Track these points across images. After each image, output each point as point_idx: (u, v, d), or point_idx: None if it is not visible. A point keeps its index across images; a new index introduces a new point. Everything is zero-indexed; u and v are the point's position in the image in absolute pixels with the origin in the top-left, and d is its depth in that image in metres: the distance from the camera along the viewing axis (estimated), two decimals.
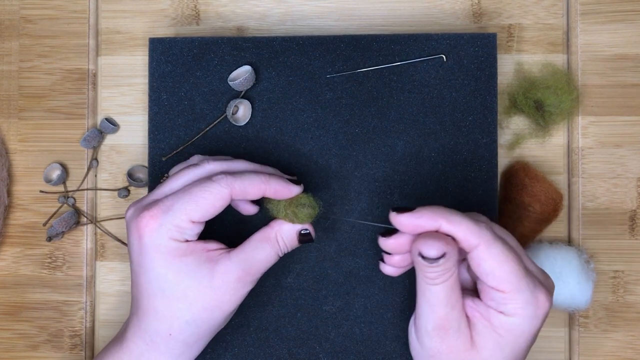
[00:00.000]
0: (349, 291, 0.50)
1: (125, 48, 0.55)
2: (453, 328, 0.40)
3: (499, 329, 0.40)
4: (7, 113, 0.55)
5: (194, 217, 0.41)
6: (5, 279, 0.55)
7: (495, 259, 0.39)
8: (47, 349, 0.54)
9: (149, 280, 0.42)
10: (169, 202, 0.42)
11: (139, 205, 0.43)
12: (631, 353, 0.52)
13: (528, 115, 0.52)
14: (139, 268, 0.42)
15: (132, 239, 0.42)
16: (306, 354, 0.50)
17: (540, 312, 0.40)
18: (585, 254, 0.51)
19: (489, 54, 0.50)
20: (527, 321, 0.39)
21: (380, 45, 0.50)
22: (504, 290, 0.39)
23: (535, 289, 0.39)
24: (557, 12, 0.54)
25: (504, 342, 0.40)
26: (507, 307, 0.39)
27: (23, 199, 0.55)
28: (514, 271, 0.39)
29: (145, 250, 0.41)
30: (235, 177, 0.42)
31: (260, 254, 0.43)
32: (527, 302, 0.39)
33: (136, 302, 0.43)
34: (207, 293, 0.41)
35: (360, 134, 0.50)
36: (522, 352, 0.41)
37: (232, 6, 0.55)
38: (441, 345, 0.40)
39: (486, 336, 0.40)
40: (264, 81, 0.50)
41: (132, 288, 0.44)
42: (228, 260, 0.42)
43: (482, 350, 0.40)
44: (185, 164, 0.46)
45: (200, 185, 0.42)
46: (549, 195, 0.51)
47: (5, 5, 0.55)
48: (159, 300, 0.41)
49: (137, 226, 0.42)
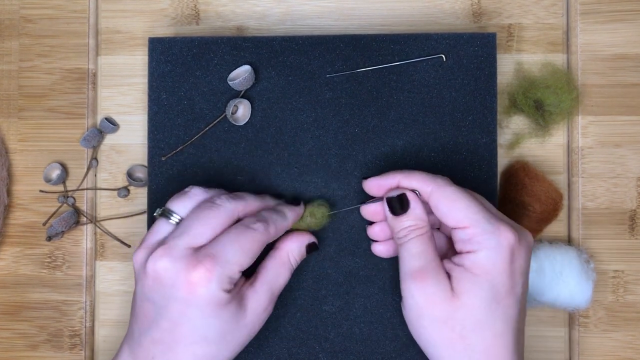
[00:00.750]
0: (349, 291, 0.50)
1: (125, 48, 0.55)
2: (431, 278, 0.41)
3: (471, 268, 0.41)
4: (7, 113, 0.55)
5: (244, 266, 0.42)
6: (5, 278, 0.55)
7: (449, 198, 0.42)
8: (46, 349, 0.54)
9: (193, 329, 0.41)
10: (220, 253, 0.42)
11: (177, 255, 0.42)
12: (631, 353, 0.52)
13: (528, 115, 0.52)
14: (182, 318, 0.41)
15: (175, 291, 0.41)
16: (306, 354, 0.50)
17: (504, 242, 0.40)
18: (585, 254, 0.51)
19: (489, 53, 0.50)
20: (494, 252, 0.40)
21: (380, 45, 0.50)
22: (463, 226, 0.41)
23: (495, 222, 0.41)
24: (557, 12, 0.54)
25: (480, 280, 0.40)
26: (472, 244, 0.41)
27: (23, 198, 0.55)
28: (469, 206, 0.42)
29: (195, 302, 0.41)
30: (269, 223, 0.44)
31: (280, 278, 0.46)
32: (488, 233, 0.41)
33: (166, 347, 0.42)
34: (244, 331, 0.43)
35: (360, 134, 0.50)
36: (502, 287, 0.41)
37: (232, 6, 0.55)
38: (424, 299, 0.41)
39: (463, 280, 0.41)
40: (263, 81, 0.50)
41: (159, 333, 0.42)
42: (255, 294, 0.44)
43: (462, 296, 0.41)
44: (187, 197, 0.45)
45: (245, 235, 0.43)
46: (549, 195, 0.51)
47: (5, 5, 0.55)
48: (198, 346, 0.42)
49: (187, 278, 0.41)
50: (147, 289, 0.42)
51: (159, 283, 0.42)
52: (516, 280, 0.41)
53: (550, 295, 0.49)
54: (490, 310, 0.40)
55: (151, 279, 0.42)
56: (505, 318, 0.41)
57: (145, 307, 0.43)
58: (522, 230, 0.42)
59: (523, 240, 0.42)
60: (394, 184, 0.45)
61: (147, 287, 0.42)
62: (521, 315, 0.42)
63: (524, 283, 0.42)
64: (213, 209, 0.43)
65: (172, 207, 0.45)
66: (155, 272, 0.42)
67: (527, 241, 0.42)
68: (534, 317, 0.53)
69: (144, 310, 0.43)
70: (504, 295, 0.41)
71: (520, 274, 0.41)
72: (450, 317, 0.41)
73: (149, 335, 0.42)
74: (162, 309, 0.42)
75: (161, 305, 0.42)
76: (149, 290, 0.42)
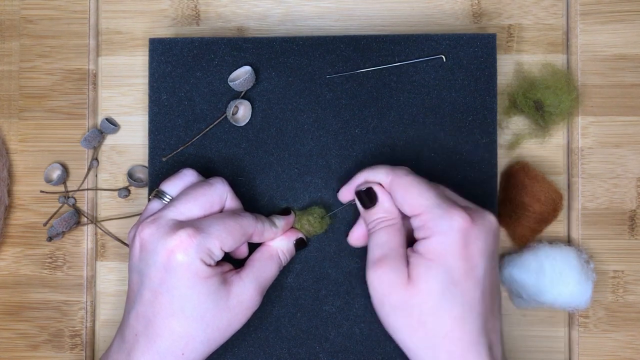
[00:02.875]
0: (349, 291, 0.50)
1: (126, 48, 0.55)
2: (388, 266, 0.42)
3: (425, 254, 0.41)
4: (8, 113, 0.55)
5: (225, 246, 0.43)
6: (5, 279, 0.55)
7: (405, 186, 0.43)
8: (47, 349, 0.54)
9: (171, 299, 0.42)
10: (204, 225, 0.42)
11: (162, 223, 0.43)
12: (631, 353, 0.52)
13: (528, 116, 0.52)
14: (161, 286, 0.42)
15: (156, 257, 0.42)
16: (306, 354, 0.50)
17: (455, 225, 0.40)
18: (585, 254, 0.51)
19: (489, 54, 0.50)
20: (445, 237, 0.40)
21: (380, 45, 0.50)
22: (418, 212, 0.42)
23: (447, 207, 0.41)
24: (557, 12, 0.54)
25: (434, 265, 0.41)
26: (425, 230, 0.41)
27: (23, 199, 0.55)
28: (422, 193, 0.42)
29: (173, 268, 0.41)
30: (258, 219, 0.45)
31: (268, 271, 0.46)
32: (439, 218, 0.41)
33: (147, 321, 0.42)
34: (224, 315, 0.43)
35: (360, 135, 0.50)
36: (458, 271, 0.40)
37: (232, 7, 0.55)
38: (382, 287, 0.42)
39: (418, 266, 0.41)
40: (264, 82, 0.51)
41: (142, 306, 0.42)
42: (241, 281, 0.44)
43: (417, 282, 0.41)
44: (179, 177, 0.46)
45: (232, 217, 0.44)
46: (549, 195, 0.51)
47: (6, 5, 0.56)
48: (176, 320, 0.42)
49: (166, 243, 0.41)
50: (135, 259, 0.43)
51: (144, 250, 0.43)
52: (474, 262, 0.40)
53: (550, 296, 0.49)
54: (447, 294, 0.40)
55: (137, 249, 0.43)
56: (463, 301, 0.40)
57: (133, 279, 0.44)
58: (479, 213, 0.42)
59: (479, 222, 0.41)
60: (361, 181, 0.46)
61: (135, 257, 0.43)
62: (487, 297, 0.41)
63: (487, 264, 0.41)
64: (204, 187, 0.45)
65: (164, 188, 0.46)
66: (140, 240, 0.43)
67: (486, 223, 0.42)
68: (534, 317, 0.53)
69: (131, 284, 0.44)
70: (460, 278, 0.40)
71: (479, 255, 0.41)
72: (407, 303, 0.41)
73: (134, 311, 0.43)
74: (145, 277, 0.42)
75: (144, 274, 0.42)
76: (136, 260, 0.43)
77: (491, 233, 0.42)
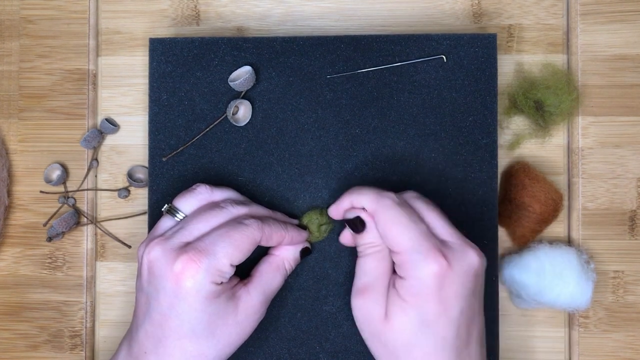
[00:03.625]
0: (349, 291, 0.50)
1: (126, 48, 0.55)
2: (370, 297, 0.43)
3: (402, 294, 0.42)
4: (7, 113, 0.55)
5: (235, 260, 0.43)
6: (5, 279, 0.55)
7: (387, 221, 0.42)
8: (47, 349, 0.54)
9: (181, 323, 0.42)
10: (208, 246, 0.42)
11: (169, 247, 0.42)
12: (631, 353, 0.52)
13: (528, 116, 0.52)
14: (171, 311, 0.42)
15: (164, 282, 0.42)
16: (306, 354, 0.50)
17: (430, 271, 0.40)
18: (585, 254, 0.51)
19: (489, 54, 0.50)
20: (419, 282, 0.41)
21: (381, 45, 0.50)
22: (397, 251, 0.42)
23: (425, 250, 0.41)
24: (557, 13, 0.54)
25: (408, 307, 0.41)
26: (402, 270, 0.42)
27: (23, 199, 0.55)
28: (403, 232, 0.42)
29: (182, 294, 0.41)
30: (264, 223, 0.44)
31: (274, 283, 0.46)
32: (416, 262, 0.41)
33: (157, 341, 0.42)
34: (233, 330, 0.43)
35: (360, 135, 0.50)
36: (431, 312, 0.41)
37: (232, 6, 0.55)
38: (362, 315, 0.43)
39: (394, 304, 0.42)
40: (264, 81, 0.50)
41: (151, 326, 0.42)
42: (248, 295, 0.44)
43: (392, 319, 0.42)
44: (193, 195, 0.46)
45: (237, 229, 0.43)
46: (549, 195, 0.51)
47: (6, 5, 0.55)
48: (187, 340, 0.42)
49: (172, 269, 0.41)
50: (143, 280, 0.43)
51: (151, 274, 0.43)
52: (448, 304, 0.41)
53: (550, 296, 0.49)
54: (419, 333, 0.41)
55: (145, 270, 0.43)
56: (436, 339, 0.41)
57: (141, 299, 0.44)
58: (460, 253, 0.42)
59: (457, 266, 0.41)
60: (348, 205, 0.45)
61: (143, 278, 0.43)
62: (462, 332, 0.41)
63: (465, 304, 0.41)
64: (215, 209, 0.44)
65: (177, 204, 0.46)
66: (148, 263, 0.43)
67: (464, 265, 0.41)
68: (534, 317, 0.53)
69: (140, 303, 0.44)
70: (433, 319, 0.41)
71: (454, 298, 0.41)
72: (383, 335, 0.42)
73: (142, 329, 0.43)
74: (154, 300, 0.42)
75: (153, 297, 0.42)
76: (144, 282, 0.43)
77: (470, 274, 0.42)
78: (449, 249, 0.42)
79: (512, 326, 0.53)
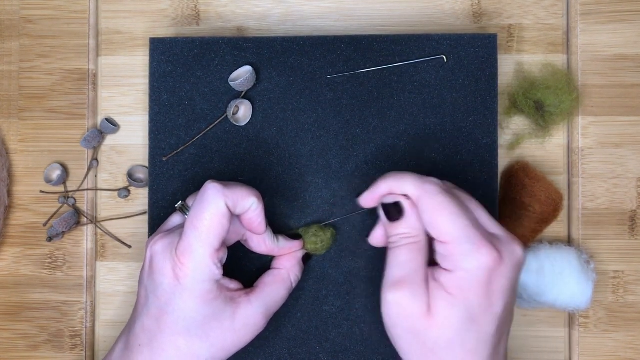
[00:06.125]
0: (349, 291, 0.50)
1: (126, 48, 0.55)
2: (408, 291, 0.40)
3: (447, 287, 0.40)
4: (7, 113, 0.55)
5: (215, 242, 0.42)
6: (5, 279, 0.55)
7: (435, 208, 0.40)
8: (47, 349, 0.54)
9: (176, 319, 0.42)
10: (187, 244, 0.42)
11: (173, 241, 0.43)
12: (631, 353, 0.52)
13: (528, 116, 0.52)
14: (167, 306, 0.42)
15: (163, 278, 0.42)
16: (306, 354, 0.50)
17: (483, 264, 0.39)
18: (585, 254, 0.51)
19: (490, 54, 0.50)
20: (470, 275, 0.39)
21: (381, 45, 0.50)
22: (444, 241, 0.40)
23: (477, 241, 0.39)
24: (557, 12, 0.54)
25: (456, 300, 0.39)
26: (450, 262, 0.40)
27: (23, 199, 0.55)
28: (453, 220, 0.39)
29: (179, 291, 0.42)
30: (224, 185, 0.42)
31: (278, 296, 0.46)
32: (468, 254, 0.39)
33: (152, 335, 0.42)
34: (229, 336, 0.43)
35: (360, 135, 0.50)
36: (478, 307, 0.39)
37: (232, 6, 0.55)
38: (399, 310, 0.40)
39: (439, 298, 0.40)
40: (264, 81, 0.50)
41: (148, 319, 0.43)
42: (249, 305, 0.44)
43: (437, 315, 0.40)
44: None
45: (199, 210, 0.42)
46: (549, 195, 0.51)
47: (6, 5, 0.55)
48: (181, 338, 0.42)
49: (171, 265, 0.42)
50: (145, 273, 0.44)
51: (151, 268, 0.43)
52: (495, 299, 0.40)
53: (551, 296, 0.49)
54: (463, 329, 0.39)
55: (147, 262, 0.43)
56: (479, 336, 0.40)
57: (141, 292, 0.44)
58: (508, 246, 0.41)
59: (507, 259, 0.40)
60: (386, 191, 0.43)
61: (145, 271, 0.44)
62: (500, 331, 0.41)
63: (508, 300, 0.40)
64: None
65: (190, 202, 0.46)
66: (151, 255, 0.43)
67: (513, 258, 0.40)
68: (534, 317, 0.53)
69: (140, 296, 0.44)
70: (479, 314, 0.39)
71: (500, 292, 0.40)
72: (422, 332, 0.40)
73: (140, 321, 0.43)
74: (151, 294, 0.43)
75: (152, 291, 0.43)
76: (145, 275, 0.44)
77: (516, 268, 0.41)
78: (498, 241, 0.40)
79: (513, 326, 0.52)
